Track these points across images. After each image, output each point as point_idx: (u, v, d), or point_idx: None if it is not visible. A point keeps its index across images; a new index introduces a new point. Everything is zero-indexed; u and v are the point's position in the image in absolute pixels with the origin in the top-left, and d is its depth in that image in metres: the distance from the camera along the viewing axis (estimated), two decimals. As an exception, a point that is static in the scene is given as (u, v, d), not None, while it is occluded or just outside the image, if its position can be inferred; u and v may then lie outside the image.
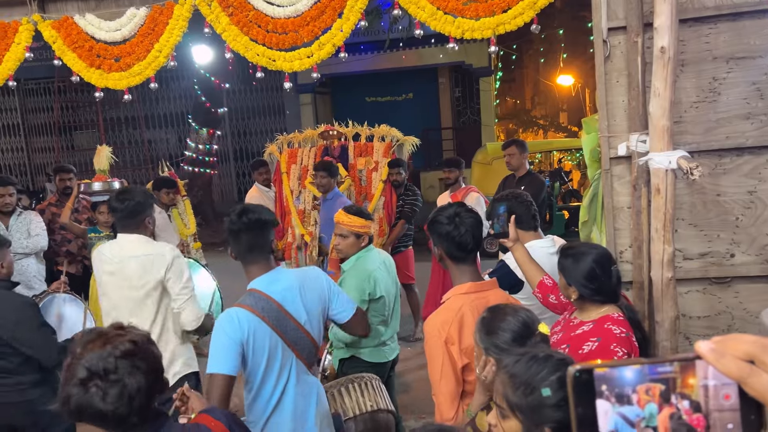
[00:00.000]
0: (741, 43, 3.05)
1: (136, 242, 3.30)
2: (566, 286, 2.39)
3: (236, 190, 16.69)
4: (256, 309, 2.43)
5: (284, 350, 2.48)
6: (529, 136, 19.17)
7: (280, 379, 2.48)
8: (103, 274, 3.34)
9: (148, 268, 3.21)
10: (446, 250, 2.37)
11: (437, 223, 2.37)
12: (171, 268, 3.22)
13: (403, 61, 14.84)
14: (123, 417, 1.65)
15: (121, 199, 3.30)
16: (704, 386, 0.69)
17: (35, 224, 5.33)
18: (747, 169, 3.12)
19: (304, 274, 2.71)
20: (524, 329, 1.88)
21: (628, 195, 3.18)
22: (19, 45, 3.79)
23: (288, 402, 2.51)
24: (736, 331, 3.17)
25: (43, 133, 16.78)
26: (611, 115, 3.19)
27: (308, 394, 2.60)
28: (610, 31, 3.13)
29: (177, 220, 5.91)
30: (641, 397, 0.69)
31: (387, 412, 3.17)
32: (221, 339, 2.37)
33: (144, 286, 3.23)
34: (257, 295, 2.48)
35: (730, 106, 3.09)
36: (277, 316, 2.46)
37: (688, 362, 0.70)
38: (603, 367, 0.71)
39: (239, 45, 3.51)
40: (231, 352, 2.34)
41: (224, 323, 2.40)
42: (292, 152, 6.80)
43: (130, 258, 3.25)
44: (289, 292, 2.53)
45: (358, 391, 3.11)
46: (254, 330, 2.39)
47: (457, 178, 6.18)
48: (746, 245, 3.16)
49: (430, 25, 3.31)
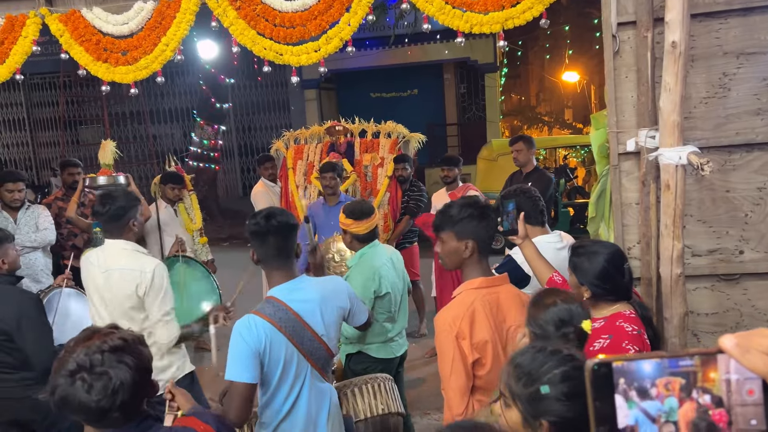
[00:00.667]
0: (752, 39, 3.03)
1: (121, 252, 3.24)
2: (578, 285, 2.38)
3: (241, 185, 16.71)
4: (273, 319, 2.41)
5: (300, 360, 2.47)
6: (533, 132, 19.11)
7: (294, 387, 2.48)
8: (90, 281, 3.30)
9: (129, 282, 3.16)
10: (480, 244, 2.34)
11: (470, 216, 2.32)
12: (151, 286, 3.15)
13: (408, 57, 14.80)
14: (104, 410, 1.66)
15: (103, 203, 3.22)
16: (726, 380, 0.68)
17: (43, 218, 5.34)
18: (757, 165, 3.10)
19: (326, 285, 2.68)
20: (566, 318, 1.93)
21: (636, 191, 3.16)
22: (27, 38, 3.79)
23: (301, 408, 2.51)
24: (744, 328, 3.15)
25: (48, 128, 16.82)
26: (620, 111, 3.17)
27: (321, 400, 2.59)
28: (620, 26, 3.11)
29: (183, 215, 5.91)
30: (660, 391, 0.69)
31: (397, 415, 3.17)
32: (240, 346, 2.35)
33: (126, 297, 3.18)
34: (276, 304, 2.46)
35: (740, 102, 3.07)
36: (294, 326, 2.44)
37: (709, 356, 0.69)
38: (622, 361, 0.70)
39: (246, 39, 3.50)
40: (250, 359, 2.33)
41: (243, 330, 2.38)
42: (298, 148, 6.80)
43: (114, 270, 3.20)
44: (309, 304, 2.51)
45: (371, 393, 3.10)
46: (271, 340, 2.38)
47: (456, 177, 6.12)
48: (755, 242, 3.14)
49: (438, 19, 3.29)
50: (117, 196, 3.25)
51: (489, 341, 2.22)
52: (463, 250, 2.33)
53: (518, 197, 3.06)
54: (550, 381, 1.50)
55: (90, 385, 1.64)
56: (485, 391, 2.25)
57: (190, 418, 2.02)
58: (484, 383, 2.24)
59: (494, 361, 2.23)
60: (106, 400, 1.64)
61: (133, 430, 1.78)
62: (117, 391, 1.65)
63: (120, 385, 1.66)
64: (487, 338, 2.22)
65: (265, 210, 2.56)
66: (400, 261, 3.73)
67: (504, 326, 2.30)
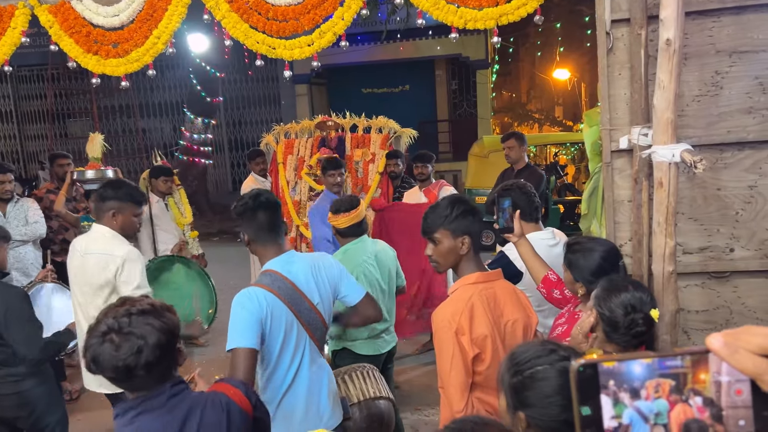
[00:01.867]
0: (744, 37, 3.04)
1: (101, 237, 3.29)
2: (573, 282, 2.40)
3: (231, 180, 16.65)
4: (272, 287, 2.49)
5: (299, 329, 2.54)
6: (524, 129, 19.15)
7: (295, 356, 2.54)
8: (71, 266, 3.36)
9: (102, 266, 3.21)
10: (474, 240, 2.36)
11: (464, 212, 2.34)
12: (121, 270, 3.20)
13: (400, 53, 14.78)
14: (130, 369, 1.76)
15: (101, 185, 3.38)
16: (717, 382, 0.66)
17: (33, 211, 5.29)
18: (748, 164, 3.11)
19: (316, 257, 2.79)
20: (637, 305, 2.01)
21: (628, 188, 3.16)
22: (15, 30, 3.73)
23: (303, 380, 2.57)
24: (734, 325, 3.17)
25: (36, 121, 16.67)
26: (613, 108, 3.17)
27: (321, 374, 2.67)
28: (613, 23, 3.11)
29: (173, 209, 5.88)
30: (650, 393, 0.67)
31: (387, 399, 3.20)
32: (241, 314, 2.41)
33: (99, 283, 3.23)
34: (273, 275, 2.54)
35: (732, 101, 3.08)
36: (292, 295, 2.52)
37: (699, 357, 0.67)
38: (610, 362, 0.68)
39: (239, 32, 3.47)
40: (252, 325, 2.38)
41: (243, 300, 2.45)
42: (288, 143, 6.77)
43: (91, 254, 3.26)
44: (303, 273, 2.60)
45: (360, 379, 3.17)
46: (272, 307, 2.45)
47: (429, 174, 6.07)
48: (746, 240, 3.15)
49: (432, 14, 3.28)
50: (112, 182, 3.39)
51: (488, 336, 2.22)
52: (460, 247, 2.33)
53: (514, 193, 3.06)
54: (533, 376, 1.52)
55: (118, 345, 1.76)
56: (484, 387, 2.25)
57: (221, 384, 2.07)
58: (483, 379, 2.24)
59: (493, 357, 2.23)
60: (132, 358, 1.76)
61: (165, 394, 1.86)
62: (141, 350, 1.77)
63: (144, 344, 1.77)
64: (486, 333, 2.22)
65: (247, 193, 2.66)
66: (389, 257, 3.71)
67: (502, 321, 2.30)
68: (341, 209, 3.58)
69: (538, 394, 1.51)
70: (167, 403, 1.86)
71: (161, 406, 1.84)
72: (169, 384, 1.88)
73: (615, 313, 2.02)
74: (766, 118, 3.06)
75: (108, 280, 3.21)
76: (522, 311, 2.38)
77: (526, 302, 2.45)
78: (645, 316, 2.01)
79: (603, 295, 2.08)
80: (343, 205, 3.60)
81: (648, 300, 2.05)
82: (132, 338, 1.77)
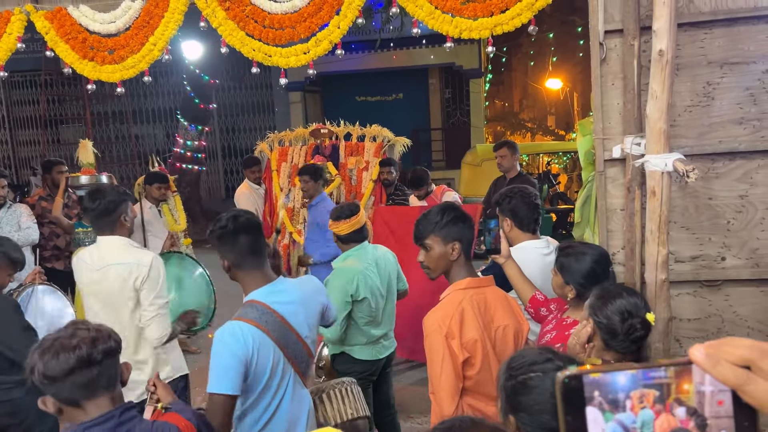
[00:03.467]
0: (735, 49, 3.08)
1: (117, 248, 3.16)
2: (563, 285, 2.41)
3: (224, 187, 16.62)
4: (260, 323, 2.29)
5: (285, 365, 2.38)
6: (516, 138, 19.25)
7: (277, 393, 2.39)
8: (85, 281, 3.21)
9: (126, 277, 3.09)
10: (464, 246, 2.36)
11: (454, 219, 2.36)
12: (147, 278, 3.09)
13: (394, 62, 14.85)
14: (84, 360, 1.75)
15: (93, 198, 3.13)
16: (700, 392, 0.67)
17: (26, 217, 5.27)
18: (739, 174, 3.15)
19: (305, 285, 2.59)
20: (632, 310, 2.03)
21: (621, 197, 3.20)
22: (11, 35, 3.74)
23: (282, 415, 2.42)
24: (726, 333, 3.20)
25: (28, 126, 16.60)
26: (606, 118, 3.21)
27: (301, 406, 2.52)
28: (607, 34, 3.15)
29: (167, 216, 5.87)
30: (635, 404, 0.68)
31: (365, 419, 3.18)
32: (224, 356, 2.21)
33: (122, 294, 3.11)
34: (260, 308, 2.34)
35: (724, 111, 3.12)
36: (280, 329, 2.34)
37: (683, 367, 0.68)
38: (595, 373, 0.68)
39: (235, 40, 3.49)
40: (234, 371, 2.21)
41: (227, 339, 2.24)
42: (282, 150, 6.79)
43: (111, 266, 3.12)
44: (292, 306, 2.42)
45: (339, 399, 3.08)
46: (259, 346, 2.26)
47: (429, 191, 6.22)
48: (737, 249, 3.19)
49: (428, 24, 3.31)
50: (106, 191, 3.16)
51: (478, 340, 2.24)
52: (451, 253, 2.35)
53: (515, 199, 3.07)
54: (526, 382, 1.53)
55: (56, 352, 1.75)
56: (475, 393, 2.26)
57: (172, 414, 2.00)
58: (474, 384, 2.25)
59: (483, 361, 2.25)
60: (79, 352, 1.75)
61: (113, 420, 1.78)
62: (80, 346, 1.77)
63: (81, 342, 1.77)
64: (476, 337, 2.23)
65: (225, 213, 2.43)
66: (389, 262, 3.71)
67: (492, 326, 2.32)
68: (342, 216, 3.57)
69: (530, 401, 1.52)
70: (114, 431, 1.79)
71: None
72: (119, 410, 1.81)
73: (612, 320, 2.03)
74: (756, 128, 3.10)
75: (132, 290, 3.09)
76: (513, 317, 2.39)
77: (517, 309, 2.46)
78: (642, 321, 2.03)
79: (598, 303, 2.09)
80: (344, 211, 3.58)
81: (642, 304, 2.07)
82: (69, 345, 1.76)
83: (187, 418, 1.97)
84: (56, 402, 1.80)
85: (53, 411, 1.81)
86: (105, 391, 1.82)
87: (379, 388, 3.79)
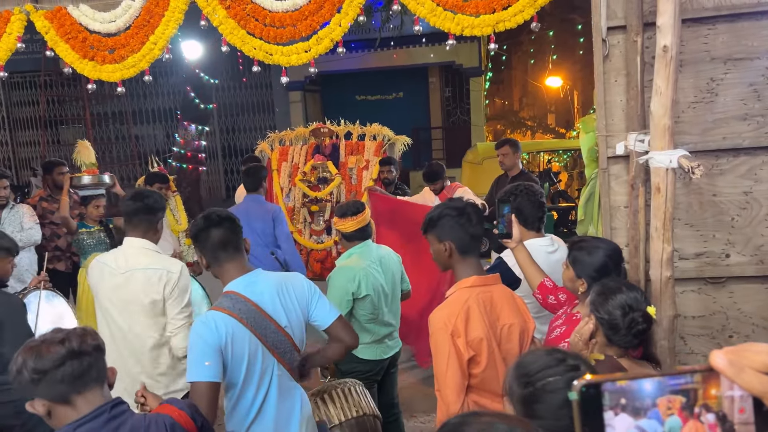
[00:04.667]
0: (739, 45, 3.06)
1: (143, 252, 3.12)
2: (574, 279, 2.42)
3: (224, 187, 16.59)
4: (233, 311, 2.32)
5: (264, 354, 2.37)
6: (517, 136, 19.22)
7: (261, 384, 2.38)
8: (105, 284, 3.13)
9: (154, 282, 3.04)
10: (458, 244, 2.34)
11: (446, 217, 2.35)
12: (176, 287, 3.05)
13: (394, 60, 14.81)
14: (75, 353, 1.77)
15: (138, 197, 3.14)
16: (729, 397, 0.66)
17: (28, 217, 5.27)
18: (743, 170, 3.13)
19: (284, 276, 2.60)
20: (633, 304, 2.04)
21: (625, 194, 3.18)
22: (11, 35, 3.72)
23: (270, 408, 2.41)
24: (730, 331, 3.18)
25: (28, 127, 16.57)
26: (609, 115, 3.19)
27: (292, 401, 2.49)
28: (609, 30, 3.13)
29: (168, 216, 5.85)
30: (663, 410, 0.66)
31: (373, 417, 3.15)
32: (198, 345, 2.25)
33: (147, 300, 3.05)
34: (234, 297, 2.37)
35: (728, 107, 3.11)
36: (255, 318, 2.35)
37: (709, 373, 0.67)
38: (621, 380, 0.67)
39: (236, 39, 3.47)
40: (210, 357, 2.23)
41: (200, 328, 2.28)
42: (283, 150, 6.78)
43: (137, 270, 3.06)
44: (267, 295, 2.42)
45: (342, 398, 3.07)
46: (232, 333, 2.28)
47: (443, 186, 6.11)
48: (741, 245, 3.17)
49: (429, 21, 3.29)
50: (150, 193, 3.21)
51: (484, 339, 2.23)
52: (443, 251, 2.36)
53: (520, 197, 3.07)
54: (545, 388, 1.51)
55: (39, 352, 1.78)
56: (480, 390, 2.25)
57: (165, 405, 2.01)
58: (479, 382, 2.25)
59: (489, 359, 2.24)
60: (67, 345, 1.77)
61: (104, 415, 1.78)
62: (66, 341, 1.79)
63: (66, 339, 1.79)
64: (481, 336, 2.22)
65: (202, 214, 2.50)
66: (393, 262, 3.72)
67: (498, 324, 2.31)
68: (348, 213, 3.58)
69: (549, 406, 1.49)
70: (106, 426, 1.78)
71: (99, 429, 1.76)
72: (109, 405, 1.80)
73: (613, 315, 2.04)
74: (761, 124, 3.08)
75: (159, 296, 3.04)
76: (519, 316, 2.39)
77: (523, 307, 2.46)
78: (644, 314, 2.04)
79: (599, 299, 2.10)
80: (350, 209, 3.60)
81: (642, 298, 2.09)
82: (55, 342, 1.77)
83: (180, 408, 1.98)
84: (45, 402, 1.79)
85: (42, 413, 1.80)
86: (95, 385, 1.81)
87: (383, 389, 3.78)
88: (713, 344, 3.18)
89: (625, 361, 2.06)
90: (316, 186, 6.55)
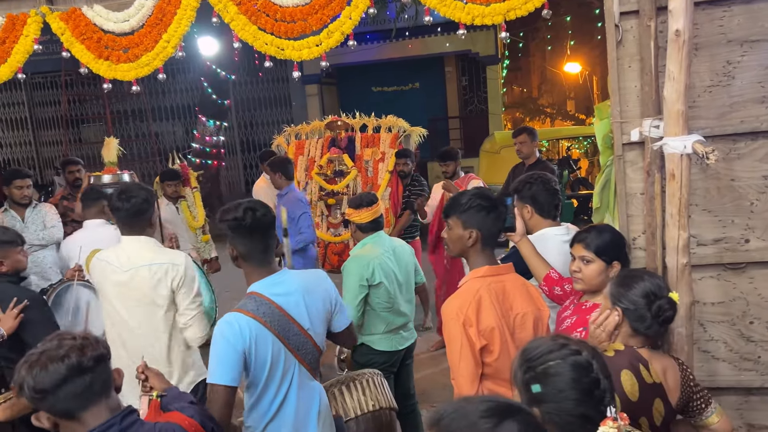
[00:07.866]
0: (755, 26, 3.01)
1: (146, 248, 3.09)
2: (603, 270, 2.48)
3: (243, 181, 16.71)
4: (257, 314, 2.31)
5: (287, 356, 2.37)
6: (536, 124, 19.08)
7: (282, 385, 2.39)
8: (109, 283, 3.10)
9: (161, 278, 3.02)
10: (485, 235, 2.36)
11: (478, 207, 2.34)
12: (184, 279, 3.04)
13: (409, 50, 14.76)
14: (75, 367, 1.71)
15: (124, 198, 3.04)
16: None
17: (51, 216, 5.38)
18: (761, 154, 3.08)
19: (309, 277, 2.58)
20: (656, 291, 2.05)
21: (640, 181, 3.15)
22: (28, 37, 3.78)
23: (289, 408, 2.41)
24: (751, 317, 3.14)
25: (50, 127, 16.84)
26: (623, 101, 3.16)
27: (310, 399, 2.50)
28: (622, 15, 3.09)
29: (185, 213, 5.91)
30: None
31: (389, 410, 3.16)
32: (222, 347, 2.25)
33: (155, 296, 3.03)
34: (258, 299, 2.36)
35: (745, 90, 3.05)
36: (279, 320, 2.34)
37: None
38: None
39: (247, 34, 3.49)
40: (232, 361, 2.24)
41: (224, 330, 2.27)
42: (299, 143, 6.82)
43: (142, 267, 3.03)
44: (293, 297, 2.41)
45: (359, 390, 3.07)
46: (256, 336, 2.28)
47: (455, 170, 5.99)
48: (761, 230, 3.12)
49: (439, 11, 3.28)
50: (136, 190, 3.10)
51: (496, 328, 2.24)
52: (467, 239, 2.37)
53: (535, 185, 3.07)
54: (546, 371, 1.52)
55: (44, 365, 1.71)
56: (494, 378, 2.27)
57: (174, 413, 1.97)
58: (493, 371, 2.26)
59: (502, 348, 2.25)
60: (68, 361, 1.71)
61: (115, 426, 1.75)
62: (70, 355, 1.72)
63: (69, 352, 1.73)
64: (493, 325, 2.24)
65: (242, 203, 2.39)
66: (406, 253, 3.76)
67: (511, 314, 2.32)
68: (363, 204, 3.65)
69: (552, 390, 1.51)
70: None
71: None
72: (119, 417, 1.77)
73: (638, 303, 2.03)
74: (779, 107, 3.03)
75: (168, 291, 3.02)
76: (532, 304, 2.39)
77: (537, 296, 2.46)
78: (669, 300, 2.03)
79: (620, 290, 2.09)
80: (364, 200, 3.67)
81: (663, 284, 2.10)
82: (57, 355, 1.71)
83: (190, 416, 1.95)
84: (51, 417, 1.75)
85: (48, 426, 1.76)
86: (100, 399, 1.76)
87: (399, 380, 3.81)
88: (733, 330, 3.14)
89: (646, 351, 2.05)
90: (333, 179, 6.58)
